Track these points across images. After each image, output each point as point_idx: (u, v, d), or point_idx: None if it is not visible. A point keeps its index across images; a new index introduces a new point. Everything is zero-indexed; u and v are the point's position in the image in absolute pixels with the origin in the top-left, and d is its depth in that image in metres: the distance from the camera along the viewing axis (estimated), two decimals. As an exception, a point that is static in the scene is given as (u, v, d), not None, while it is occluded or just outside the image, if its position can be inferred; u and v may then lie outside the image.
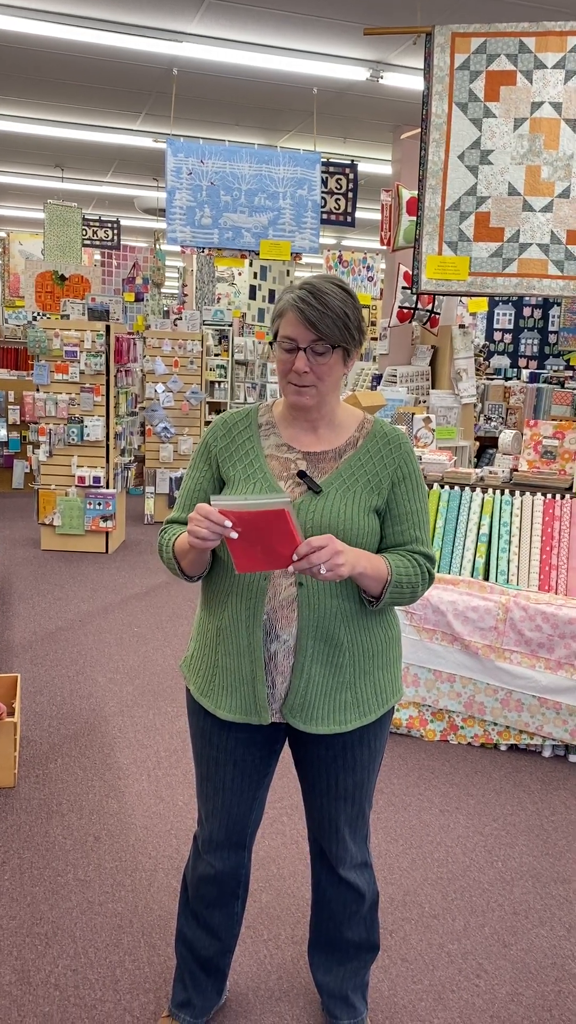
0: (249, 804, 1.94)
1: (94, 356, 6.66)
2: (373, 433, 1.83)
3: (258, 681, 1.77)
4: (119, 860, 2.82)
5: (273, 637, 1.76)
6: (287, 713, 1.79)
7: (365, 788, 1.92)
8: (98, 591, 5.84)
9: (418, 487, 1.82)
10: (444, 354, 6.23)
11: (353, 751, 1.86)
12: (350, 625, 1.77)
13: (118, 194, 12.40)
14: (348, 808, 1.92)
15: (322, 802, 1.93)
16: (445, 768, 3.56)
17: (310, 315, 1.68)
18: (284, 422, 1.84)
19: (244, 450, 1.82)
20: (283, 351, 1.73)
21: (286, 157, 6.72)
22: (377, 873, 2.82)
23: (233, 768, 1.89)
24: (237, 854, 1.98)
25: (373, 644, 1.82)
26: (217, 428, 1.87)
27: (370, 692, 1.83)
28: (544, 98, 3.99)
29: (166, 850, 2.89)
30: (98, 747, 3.60)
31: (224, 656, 1.81)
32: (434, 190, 4.14)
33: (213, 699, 1.84)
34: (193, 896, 2.03)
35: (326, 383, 1.74)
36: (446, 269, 4.18)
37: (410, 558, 1.78)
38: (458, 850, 2.98)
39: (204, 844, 1.98)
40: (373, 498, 1.77)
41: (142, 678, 4.36)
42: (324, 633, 1.75)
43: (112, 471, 6.89)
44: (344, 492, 1.75)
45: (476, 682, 3.66)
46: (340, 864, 1.98)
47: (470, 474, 4.21)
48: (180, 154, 6.58)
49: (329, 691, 1.78)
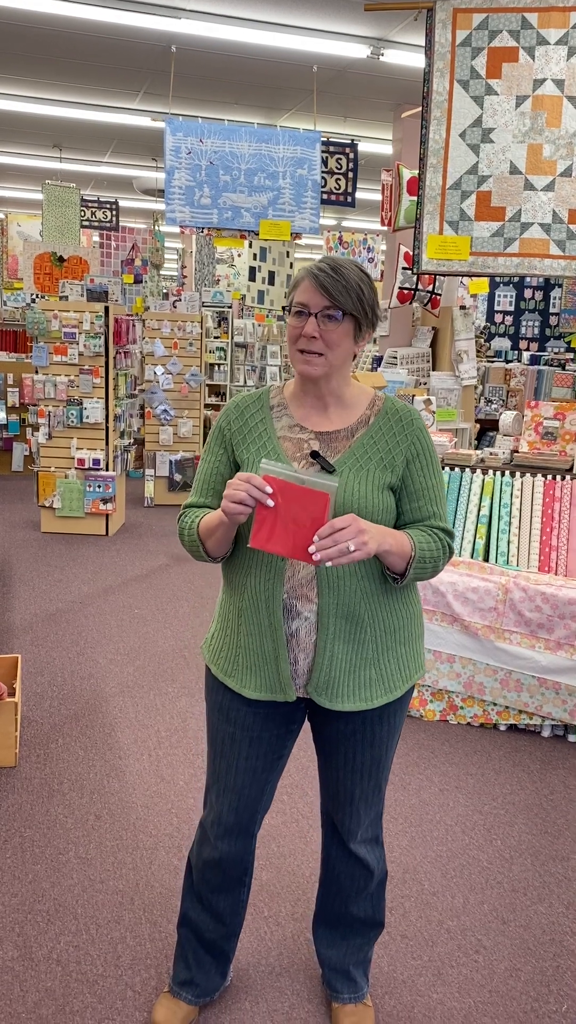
0: (261, 787, 1.94)
1: (93, 338, 6.63)
2: (384, 411, 1.83)
3: (281, 659, 1.78)
4: (120, 839, 2.84)
5: (295, 615, 1.76)
6: (312, 691, 1.79)
7: (383, 764, 1.93)
8: (98, 573, 5.84)
9: (432, 462, 1.83)
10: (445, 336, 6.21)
11: (373, 727, 1.87)
12: (370, 602, 1.77)
13: (117, 174, 12.32)
14: (364, 783, 1.93)
15: (339, 776, 1.93)
16: (445, 748, 3.58)
17: (324, 281, 1.69)
18: (295, 402, 1.85)
19: (257, 432, 1.82)
20: (295, 317, 1.74)
21: (286, 136, 6.66)
22: (377, 851, 2.84)
23: (249, 745, 1.89)
24: (244, 839, 1.98)
25: (394, 620, 1.82)
26: (230, 411, 1.88)
27: (394, 668, 1.84)
28: (546, 75, 3.95)
29: (166, 829, 2.91)
30: (99, 727, 3.62)
31: (246, 636, 1.82)
32: (435, 169, 4.11)
33: (237, 678, 1.84)
34: (198, 879, 2.03)
35: (335, 353, 1.74)
36: (447, 249, 4.15)
37: (431, 533, 1.79)
38: (457, 829, 3.00)
39: (212, 826, 1.97)
40: (387, 476, 1.77)
41: (142, 659, 4.37)
42: (345, 610, 1.75)
43: (112, 453, 6.88)
44: (357, 471, 1.75)
45: (476, 662, 3.67)
46: (351, 838, 1.99)
47: (471, 456, 4.20)
48: (179, 133, 6.53)
49: (353, 668, 1.79)
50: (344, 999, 2.11)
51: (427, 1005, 2.20)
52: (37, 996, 2.18)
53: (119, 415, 7.09)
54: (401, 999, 2.22)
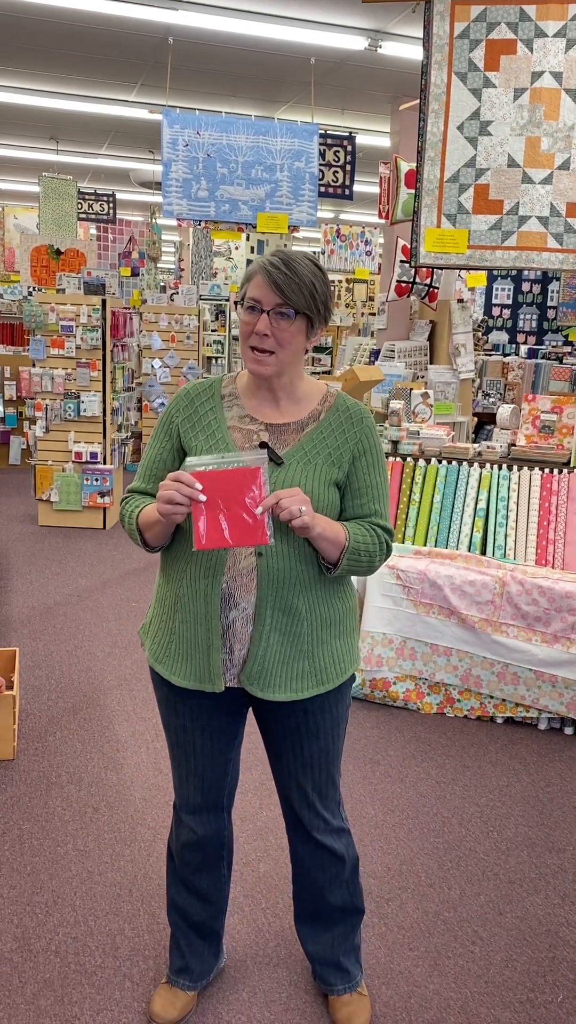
0: (222, 767, 1.97)
1: (90, 331, 6.62)
2: (335, 407, 1.84)
3: (213, 649, 1.79)
4: (118, 831, 2.85)
5: (232, 605, 1.77)
6: (244, 680, 1.81)
7: (331, 754, 1.94)
8: (96, 566, 5.85)
9: (377, 461, 1.84)
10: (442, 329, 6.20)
11: (315, 717, 1.88)
12: (308, 594, 1.79)
13: (114, 167, 12.27)
14: (315, 774, 1.94)
15: (289, 771, 1.95)
16: (442, 740, 3.59)
17: (277, 278, 1.69)
18: (247, 393, 1.85)
19: (206, 421, 1.83)
20: (247, 312, 1.73)
21: (283, 129, 6.65)
22: (374, 844, 2.85)
23: (201, 734, 1.92)
24: (216, 816, 2.01)
25: (331, 614, 1.84)
26: (180, 399, 1.88)
27: (328, 661, 1.85)
28: (545, 67, 3.94)
29: (164, 821, 2.91)
30: (97, 720, 3.63)
31: (180, 624, 1.83)
32: (433, 162, 4.10)
33: (168, 665, 1.86)
34: (180, 863, 2.06)
35: (286, 351, 1.75)
36: (445, 242, 4.15)
37: (369, 528, 1.80)
38: (454, 821, 3.01)
39: (183, 809, 2.01)
40: (333, 471, 1.78)
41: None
42: (283, 603, 1.77)
43: (109, 447, 6.87)
44: (305, 465, 1.76)
45: (473, 655, 3.68)
46: (315, 830, 2.00)
47: (468, 449, 4.21)
48: (176, 125, 6.51)
49: (287, 659, 1.80)
50: (339, 990, 2.12)
51: (423, 995, 2.22)
52: (36, 987, 2.19)
53: (116, 408, 7.08)
54: (398, 989, 2.23)
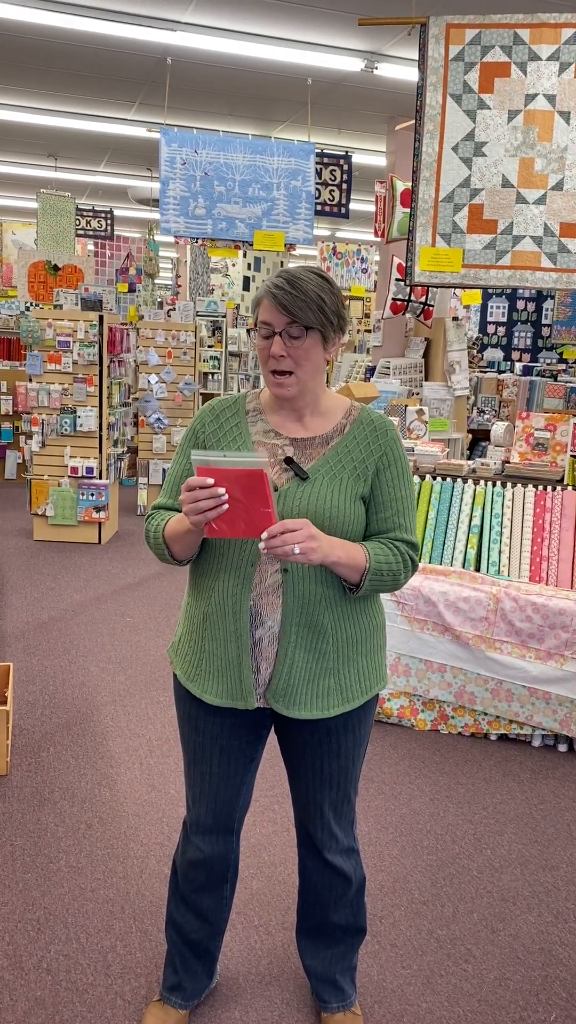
0: (236, 789, 1.96)
1: (87, 346, 6.65)
2: (360, 420, 1.84)
3: (244, 667, 1.79)
4: (111, 847, 2.84)
5: (259, 623, 1.77)
6: (271, 698, 1.80)
7: (350, 774, 1.94)
8: (91, 581, 5.84)
9: (403, 474, 1.84)
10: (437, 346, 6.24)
11: (337, 736, 1.88)
12: (334, 612, 1.79)
13: (112, 184, 12.35)
14: (332, 793, 1.94)
15: (307, 787, 1.95)
16: (435, 757, 3.59)
17: (283, 299, 1.70)
18: (271, 409, 1.86)
19: (232, 436, 1.84)
20: (261, 338, 1.75)
21: (280, 148, 6.70)
22: (367, 860, 2.84)
23: (219, 754, 1.91)
24: (225, 838, 2.00)
25: (357, 631, 1.84)
26: (205, 415, 1.89)
27: (353, 679, 1.84)
28: (538, 90, 3.99)
29: (157, 838, 2.90)
30: (90, 736, 3.62)
31: (211, 641, 1.83)
32: (428, 181, 4.15)
33: (200, 684, 1.86)
34: (183, 881, 2.05)
35: (304, 369, 1.76)
36: (440, 261, 4.18)
37: (391, 546, 1.79)
38: (448, 838, 3.01)
39: (192, 828, 2.00)
40: (359, 485, 1.78)
41: (134, 667, 4.37)
42: (308, 619, 1.76)
43: (105, 462, 6.88)
44: (331, 479, 1.76)
45: (467, 672, 3.68)
46: (325, 849, 2.00)
47: (462, 466, 4.23)
48: (174, 144, 6.57)
49: (312, 677, 1.80)
50: (332, 1008, 2.11)
51: (416, 1014, 2.21)
52: (27, 1005, 2.18)
53: (113, 423, 7.10)
54: (390, 1008, 2.22)
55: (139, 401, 8.05)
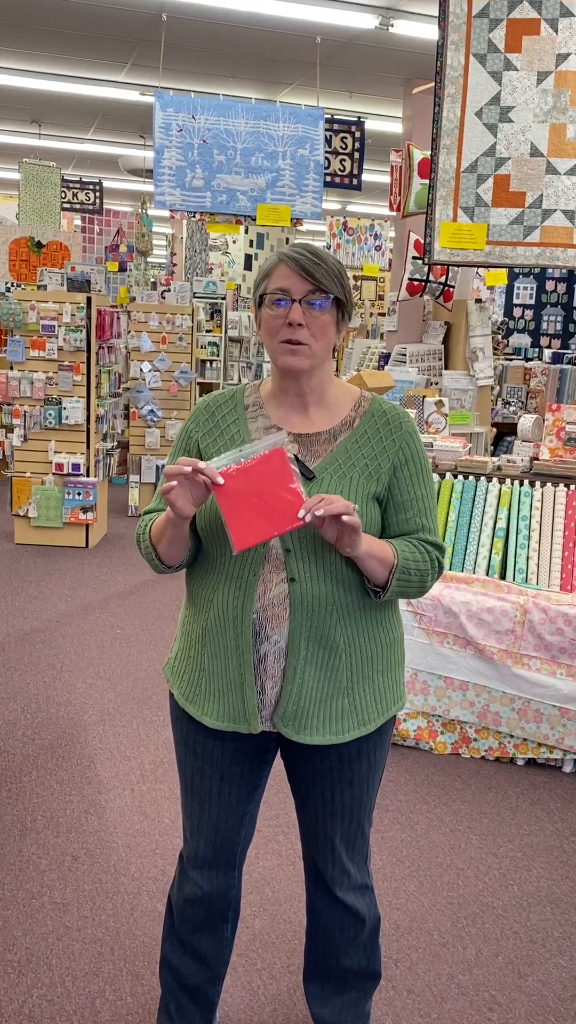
0: (238, 819, 1.95)
1: (73, 331, 6.66)
2: (371, 412, 1.84)
3: (247, 686, 1.78)
4: (99, 882, 2.84)
5: (263, 638, 1.77)
6: (278, 722, 1.80)
7: (364, 804, 1.93)
8: (77, 589, 5.85)
9: (422, 471, 1.84)
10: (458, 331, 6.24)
11: (351, 763, 1.87)
12: (347, 624, 1.78)
13: (101, 153, 12.37)
14: (345, 825, 1.93)
15: (316, 817, 1.94)
16: (456, 784, 3.58)
17: (305, 264, 1.72)
18: (272, 402, 1.86)
19: (229, 435, 1.84)
20: (273, 306, 1.75)
21: (286, 113, 6.71)
22: (381, 898, 2.84)
23: (220, 780, 1.90)
24: (226, 874, 2.00)
25: (373, 646, 1.83)
26: (199, 413, 1.89)
27: (369, 699, 1.84)
28: (570, 49, 3.98)
29: (150, 871, 2.90)
30: (77, 759, 3.62)
31: (210, 659, 1.83)
32: (449, 150, 4.14)
33: (199, 705, 1.85)
34: (179, 920, 2.04)
35: (320, 343, 1.76)
36: (461, 237, 4.18)
37: (418, 545, 1.80)
38: (470, 873, 3.00)
39: (190, 861, 2.00)
40: (372, 484, 1.78)
41: (125, 684, 4.37)
42: (318, 633, 1.76)
43: (93, 458, 6.89)
44: (340, 478, 1.76)
45: (491, 690, 3.68)
46: (337, 885, 1.99)
47: (486, 463, 4.22)
48: (169, 109, 6.58)
49: (324, 697, 1.79)
50: (343, 1061, 2.11)
51: (436, 1067, 2.20)
52: (6, 1055, 2.18)
53: (102, 416, 7.10)
54: (407, 1061, 2.22)
55: (130, 391, 8.06)
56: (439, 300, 6.27)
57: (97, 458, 6.99)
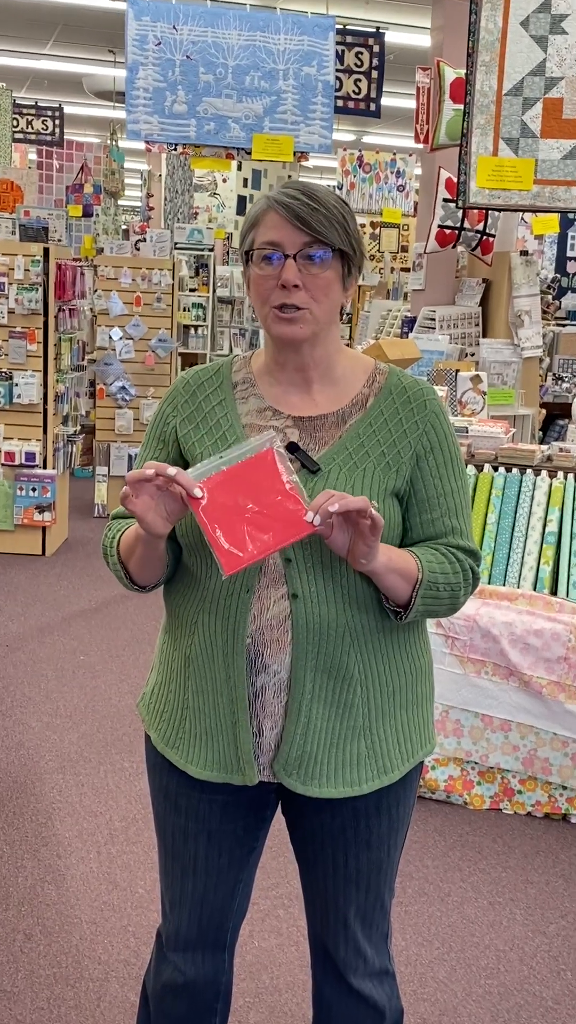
0: (229, 889, 1.95)
1: (27, 290, 6.66)
2: (388, 388, 1.83)
3: (240, 727, 1.78)
4: (58, 966, 2.84)
5: (260, 668, 1.76)
6: (279, 770, 1.79)
7: (384, 870, 1.93)
8: (31, 606, 5.85)
9: (452, 460, 1.82)
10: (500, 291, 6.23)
11: (368, 820, 1.87)
12: (363, 650, 1.77)
13: (61, 71, 12.39)
14: (361, 896, 1.93)
15: (326, 887, 1.93)
16: (496, 847, 3.58)
17: (299, 210, 1.69)
18: (267, 378, 1.85)
19: (214, 419, 1.83)
20: (263, 264, 1.73)
21: (288, 23, 6.71)
22: (404, 986, 2.83)
23: (207, 841, 1.90)
24: (214, 956, 1.99)
25: (395, 677, 1.82)
26: (177, 393, 1.88)
27: (392, 741, 1.83)
28: None
29: (121, 953, 2.90)
30: (31, 815, 3.62)
31: (195, 694, 1.82)
32: (488, 68, 4.14)
33: (182, 751, 1.85)
34: (156, 1013, 2.04)
35: (322, 306, 1.75)
36: (504, 175, 4.18)
37: (446, 552, 1.78)
38: (513, 956, 3.00)
39: (170, 941, 1.99)
40: (390, 478, 1.77)
41: (90, 723, 4.38)
42: (328, 661, 1.75)
43: (51, 445, 6.90)
44: (350, 470, 1.75)
45: (539, 731, 3.68)
46: (351, 971, 1.98)
47: (534, 452, 4.22)
48: (145, 17, 6.58)
49: (335, 740, 1.78)
50: None
51: None
52: None
53: (62, 394, 7.10)
54: None
55: (97, 364, 8.07)
56: (476, 252, 6.27)
57: (56, 446, 6.99)
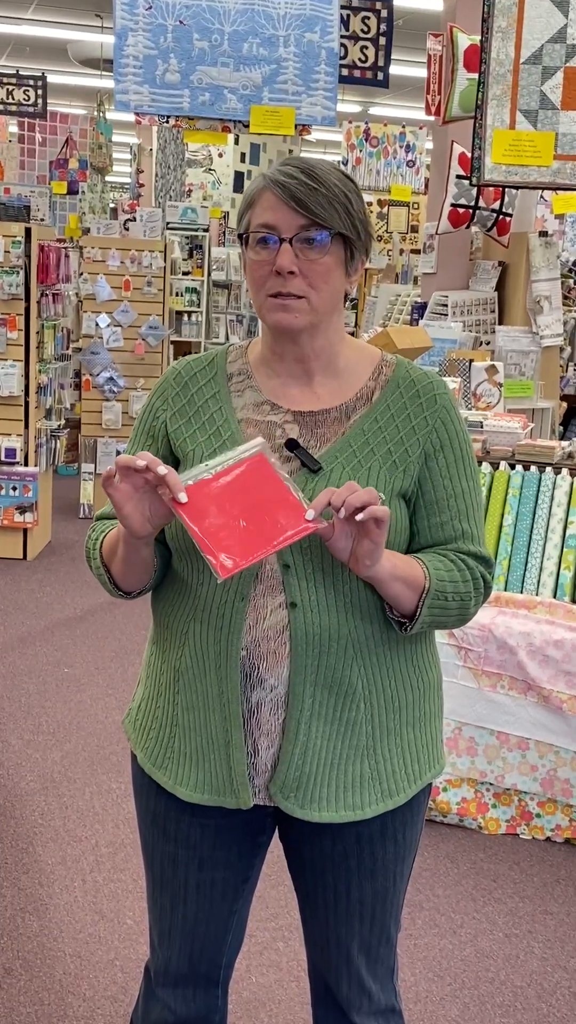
0: (222, 921, 1.95)
1: (7, 273, 6.66)
2: (395, 381, 1.83)
3: (234, 746, 1.78)
4: (40, 1003, 2.84)
5: (255, 682, 1.76)
6: (276, 793, 1.79)
7: (390, 900, 1.92)
8: (11, 615, 5.85)
9: (463, 459, 1.83)
10: (517, 274, 6.24)
11: (372, 847, 1.87)
12: (366, 663, 1.77)
13: (44, 37, 12.39)
14: (365, 929, 1.92)
15: (327, 919, 1.93)
16: (513, 874, 3.58)
17: (297, 190, 1.69)
18: (265, 369, 1.85)
19: (207, 414, 1.83)
20: (258, 247, 1.73)
21: (289, -15, 6.70)
22: (413, 1025, 2.84)
23: (199, 869, 1.90)
24: (207, 993, 1.99)
25: (401, 692, 1.82)
26: (167, 385, 1.88)
27: (397, 762, 1.83)
28: None
29: (108, 989, 2.90)
30: (10, 840, 3.62)
31: (185, 711, 1.82)
32: (505, 35, 4.14)
33: (171, 772, 1.85)
34: (145, 1053, 2.04)
35: (322, 294, 1.74)
36: (521, 149, 4.17)
37: (455, 559, 1.78)
38: (531, 992, 3.00)
39: (159, 977, 1.99)
40: (397, 478, 1.77)
41: (75, 741, 4.38)
42: (329, 676, 1.75)
43: (33, 441, 6.90)
44: (354, 469, 1.75)
45: (559, 750, 3.68)
46: (354, 1009, 1.98)
47: (554, 448, 4.22)
48: (135, -21, 6.57)
49: (337, 761, 1.78)
50: None
51: None
52: None
53: (44, 385, 7.11)
54: None
55: (83, 353, 8.07)
56: (491, 233, 6.27)
57: (39, 441, 6.99)
